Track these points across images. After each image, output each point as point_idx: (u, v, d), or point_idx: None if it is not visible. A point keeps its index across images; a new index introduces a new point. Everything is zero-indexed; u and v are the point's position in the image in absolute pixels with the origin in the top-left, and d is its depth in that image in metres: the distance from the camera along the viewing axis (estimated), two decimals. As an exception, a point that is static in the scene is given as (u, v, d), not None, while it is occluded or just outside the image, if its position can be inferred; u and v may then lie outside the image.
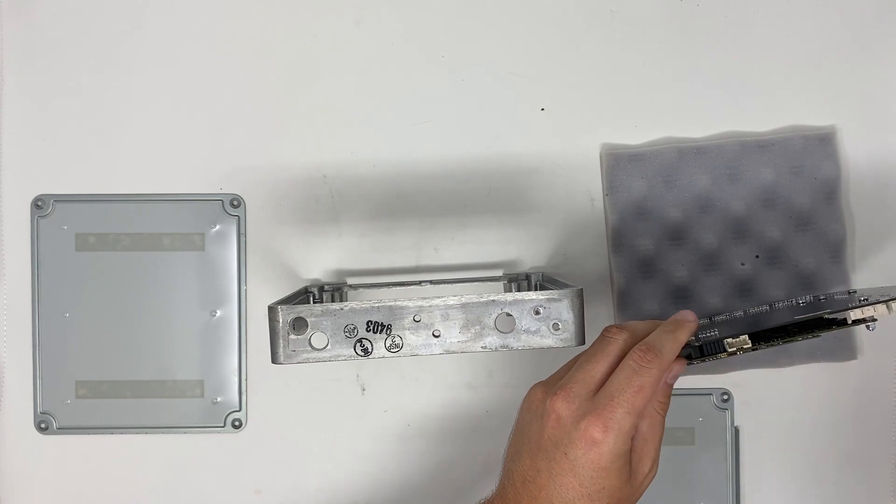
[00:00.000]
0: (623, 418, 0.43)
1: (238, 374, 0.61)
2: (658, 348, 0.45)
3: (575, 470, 0.44)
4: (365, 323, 0.45)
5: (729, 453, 0.61)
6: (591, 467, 0.43)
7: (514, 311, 0.45)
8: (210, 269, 0.61)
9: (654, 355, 0.45)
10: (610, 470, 0.43)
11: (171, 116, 0.61)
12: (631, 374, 0.44)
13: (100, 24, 0.61)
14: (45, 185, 0.61)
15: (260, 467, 0.61)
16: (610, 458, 0.43)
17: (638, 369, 0.44)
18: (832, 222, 0.60)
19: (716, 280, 0.60)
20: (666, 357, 0.45)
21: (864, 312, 0.46)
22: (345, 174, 0.61)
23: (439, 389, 0.61)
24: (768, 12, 0.61)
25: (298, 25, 0.61)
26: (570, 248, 0.61)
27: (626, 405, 0.43)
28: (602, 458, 0.43)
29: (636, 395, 0.44)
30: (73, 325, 0.61)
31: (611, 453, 0.43)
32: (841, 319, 0.46)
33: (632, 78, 0.61)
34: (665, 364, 0.45)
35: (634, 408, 0.44)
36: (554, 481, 0.44)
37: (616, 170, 0.61)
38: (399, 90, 0.61)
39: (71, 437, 0.61)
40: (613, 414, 0.43)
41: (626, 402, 0.43)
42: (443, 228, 0.61)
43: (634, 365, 0.44)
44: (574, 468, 0.44)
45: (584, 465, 0.43)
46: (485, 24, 0.61)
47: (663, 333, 0.47)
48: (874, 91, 0.61)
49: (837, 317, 0.46)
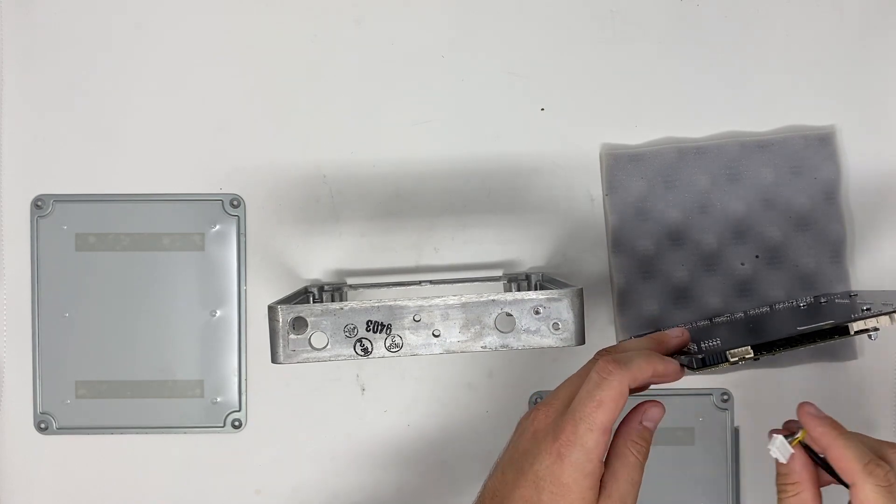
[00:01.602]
0: (585, 434, 0.42)
1: (238, 374, 0.61)
2: (623, 361, 0.43)
3: (538, 483, 0.42)
4: (365, 323, 0.45)
5: (729, 453, 0.61)
6: (553, 482, 0.42)
7: (514, 311, 0.45)
8: (210, 269, 0.61)
9: (615, 366, 0.42)
10: (571, 489, 0.42)
11: (171, 116, 0.61)
12: (592, 387, 0.42)
13: (100, 25, 0.61)
14: (45, 185, 0.61)
15: (260, 467, 0.61)
16: (571, 475, 0.42)
17: (598, 382, 0.42)
18: (832, 222, 0.60)
19: (716, 280, 0.60)
20: (630, 372, 0.43)
21: (866, 324, 0.45)
22: (345, 174, 0.61)
23: (439, 389, 0.61)
24: (768, 12, 0.61)
25: (298, 25, 0.62)
26: (570, 248, 0.61)
27: (587, 420, 0.42)
28: (564, 473, 0.42)
29: (596, 410, 0.42)
30: (73, 325, 0.61)
31: (573, 468, 0.42)
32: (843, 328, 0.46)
33: (632, 78, 0.61)
34: (626, 379, 0.42)
35: (596, 424, 0.42)
36: (515, 493, 0.43)
37: (616, 170, 0.61)
38: (399, 90, 0.61)
39: (71, 437, 0.61)
40: (575, 429, 0.42)
41: (586, 416, 0.42)
42: (443, 228, 0.61)
43: (596, 377, 0.43)
44: (537, 482, 0.42)
45: (547, 478, 0.42)
46: (485, 24, 0.62)
47: (638, 351, 0.45)
48: (874, 91, 0.61)
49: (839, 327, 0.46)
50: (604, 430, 0.42)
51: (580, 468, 0.42)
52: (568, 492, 0.42)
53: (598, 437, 0.42)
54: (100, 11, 0.61)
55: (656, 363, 0.44)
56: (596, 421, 0.42)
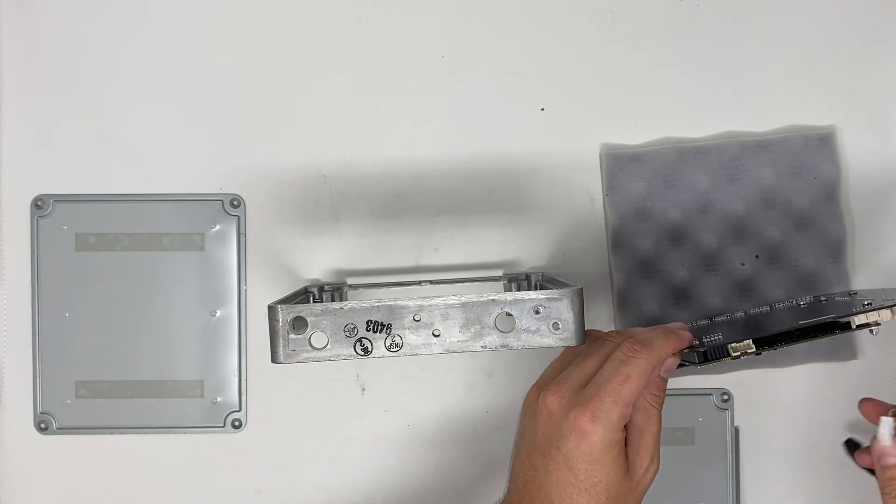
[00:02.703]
0: (610, 407, 0.43)
1: (238, 374, 0.61)
2: (647, 341, 0.46)
3: (569, 464, 0.44)
4: (365, 322, 0.45)
5: (729, 453, 0.61)
6: (584, 459, 0.43)
7: (514, 311, 0.45)
8: (210, 269, 0.61)
9: (642, 346, 0.45)
10: (603, 461, 0.43)
11: (170, 116, 0.61)
12: (618, 364, 0.45)
13: (100, 24, 0.61)
14: (45, 185, 0.61)
15: (260, 467, 0.61)
16: (601, 448, 0.43)
17: (625, 360, 0.45)
18: (832, 222, 0.60)
19: (715, 280, 0.60)
20: (655, 351, 0.45)
21: (868, 317, 0.46)
22: (345, 174, 0.61)
23: (439, 389, 0.61)
24: (768, 12, 0.61)
25: (298, 25, 0.62)
26: (570, 248, 0.61)
27: (613, 394, 0.44)
28: (593, 449, 0.43)
29: (622, 385, 0.44)
30: (73, 325, 0.61)
31: (601, 443, 0.43)
32: (845, 323, 0.46)
33: (632, 78, 0.61)
34: (654, 357, 0.45)
35: (622, 397, 0.44)
36: (550, 477, 0.44)
37: (616, 170, 0.61)
38: (399, 90, 0.61)
39: (71, 437, 0.61)
40: (601, 404, 0.43)
41: (612, 391, 0.44)
42: (443, 228, 0.61)
43: (622, 356, 0.45)
44: (568, 462, 0.44)
45: (577, 457, 0.43)
46: (485, 24, 0.62)
47: (655, 331, 0.47)
48: (874, 91, 0.61)
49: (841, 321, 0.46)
50: (627, 404, 0.44)
51: (607, 440, 0.43)
52: (602, 465, 0.44)
53: (623, 410, 0.44)
54: (100, 11, 0.61)
55: (674, 340, 0.47)
56: (622, 395, 0.44)
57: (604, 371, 0.45)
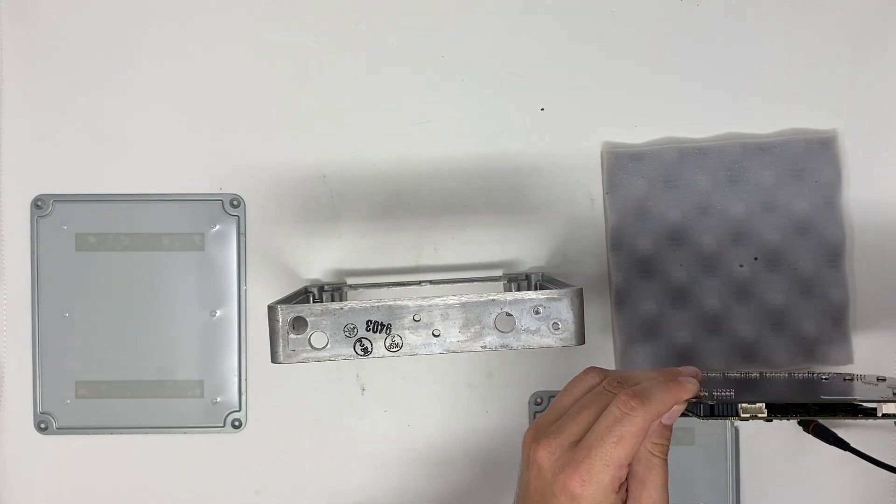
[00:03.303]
0: (601, 471, 0.41)
1: (238, 374, 0.61)
2: (645, 395, 0.42)
3: None
4: (365, 322, 0.45)
5: (729, 453, 0.61)
6: None
7: (513, 311, 0.45)
8: (210, 269, 0.61)
9: (638, 402, 0.42)
10: None
11: (171, 116, 0.61)
12: (612, 422, 0.41)
13: (100, 25, 0.61)
14: (45, 185, 0.61)
15: (260, 467, 0.61)
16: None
17: (620, 417, 0.41)
18: (831, 226, 0.60)
19: (714, 281, 0.60)
20: (653, 406, 0.42)
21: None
22: (345, 174, 0.61)
23: (439, 389, 0.61)
24: (769, 13, 0.61)
25: (299, 26, 0.62)
26: (570, 248, 0.61)
27: (604, 457, 0.41)
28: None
29: (615, 447, 0.41)
30: (73, 325, 0.61)
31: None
32: (870, 409, 0.43)
33: (632, 78, 0.61)
34: (652, 413, 0.42)
35: (613, 460, 0.41)
36: None
37: (617, 168, 0.61)
38: (399, 90, 0.61)
39: (71, 437, 0.61)
40: (591, 467, 0.41)
41: (603, 454, 0.41)
42: (443, 228, 0.61)
43: (617, 412, 0.42)
44: None
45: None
46: (485, 24, 0.62)
47: (656, 382, 0.43)
48: (876, 95, 0.61)
49: (866, 406, 0.43)
50: (620, 466, 0.41)
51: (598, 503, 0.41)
52: None
53: (615, 473, 0.41)
54: (100, 11, 0.61)
55: (676, 391, 0.43)
56: (614, 457, 0.41)
57: (596, 429, 0.42)
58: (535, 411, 0.61)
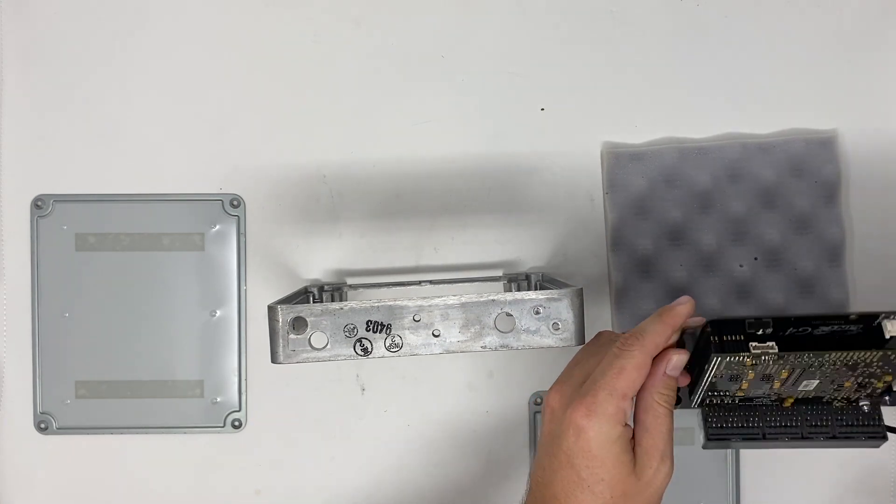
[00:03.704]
0: (605, 400, 0.42)
1: (238, 374, 0.61)
2: (640, 332, 0.44)
3: (571, 461, 0.43)
4: (365, 322, 0.45)
5: (729, 453, 0.61)
6: (584, 455, 0.42)
7: (513, 311, 0.45)
8: (210, 269, 0.61)
9: (634, 339, 0.44)
10: (604, 459, 0.42)
11: (171, 116, 0.61)
12: (612, 358, 0.44)
13: (100, 24, 0.61)
14: (45, 185, 0.61)
15: (260, 467, 0.61)
16: (599, 444, 0.42)
17: (618, 353, 0.44)
18: (832, 226, 0.60)
19: (714, 281, 0.60)
20: (648, 339, 0.44)
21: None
22: (345, 174, 0.61)
23: (439, 389, 0.61)
24: (769, 13, 0.61)
25: (298, 25, 0.62)
26: (570, 248, 0.61)
27: (607, 388, 0.43)
28: (591, 445, 0.42)
29: (616, 377, 0.43)
30: (73, 325, 0.61)
31: (598, 438, 0.42)
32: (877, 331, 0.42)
33: (632, 78, 0.61)
34: (649, 344, 0.44)
35: (616, 389, 0.43)
36: (556, 476, 0.43)
37: (617, 168, 0.61)
38: (399, 90, 0.61)
39: (71, 437, 0.61)
40: (595, 398, 0.42)
41: (606, 384, 0.43)
42: (443, 228, 0.61)
43: (616, 350, 0.44)
44: (570, 459, 0.43)
45: (577, 454, 0.43)
46: (485, 24, 0.62)
47: (650, 319, 0.46)
48: (876, 95, 0.61)
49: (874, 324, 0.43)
50: (624, 396, 0.43)
51: (605, 435, 0.42)
52: (602, 462, 0.42)
53: (619, 403, 0.43)
54: (99, 11, 0.61)
55: (669, 319, 0.45)
56: (616, 387, 0.43)
57: (599, 367, 0.44)
58: (536, 411, 0.61)
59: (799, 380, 0.46)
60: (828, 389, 0.47)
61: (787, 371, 0.45)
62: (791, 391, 0.47)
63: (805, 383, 0.46)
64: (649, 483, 0.44)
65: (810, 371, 0.45)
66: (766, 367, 0.45)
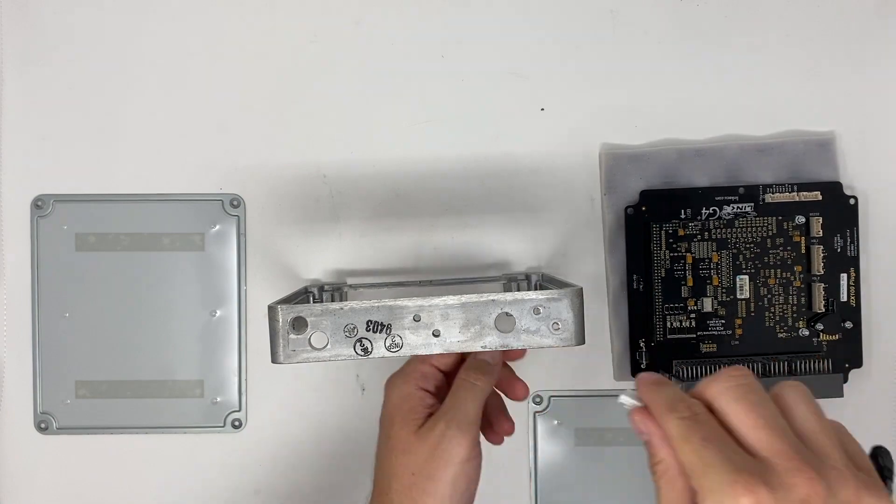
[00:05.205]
0: (412, 361, 0.50)
1: (238, 374, 0.61)
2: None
3: (381, 420, 0.49)
4: (365, 322, 0.45)
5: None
6: (383, 410, 0.49)
7: (513, 311, 0.45)
8: (210, 269, 0.61)
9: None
10: (393, 417, 0.47)
11: (171, 116, 0.61)
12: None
13: (100, 24, 0.61)
14: (45, 185, 0.61)
15: (260, 467, 0.62)
16: (393, 403, 0.48)
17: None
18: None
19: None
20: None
21: None
22: (345, 174, 0.61)
23: (439, 389, 0.61)
24: (768, 14, 0.62)
25: (298, 25, 0.62)
26: (570, 248, 0.61)
27: (419, 358, 0.49)
28: (387, 405, 0.48)
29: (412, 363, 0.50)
30: (73, 325, 0.61)
31: (392, 398, 0.48)
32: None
33: (632, 78, 0.62)
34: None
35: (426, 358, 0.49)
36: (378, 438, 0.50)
37: (615, 170, 0.61)
38: (399, 90, 0.62)
39: (71, 437, 0.61)
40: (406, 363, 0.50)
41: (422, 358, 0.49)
42: (443, 228, 0.61)
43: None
44: (381, 419, 0.49)
45: (382, 411, 0.49)
46: (485, 24, 0.62)
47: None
48: (874, 96, 0.61)
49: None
50: (423, 360, 0.48)
51: (398, 390, 0.48)
52: (390, 421, 0.47)
53: (418, 365, 0.48)
54: (99, 11, 0.61)
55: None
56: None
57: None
58: (535, 411, 0.61)
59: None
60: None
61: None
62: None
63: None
64: (434, 446, 0.45)
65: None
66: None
